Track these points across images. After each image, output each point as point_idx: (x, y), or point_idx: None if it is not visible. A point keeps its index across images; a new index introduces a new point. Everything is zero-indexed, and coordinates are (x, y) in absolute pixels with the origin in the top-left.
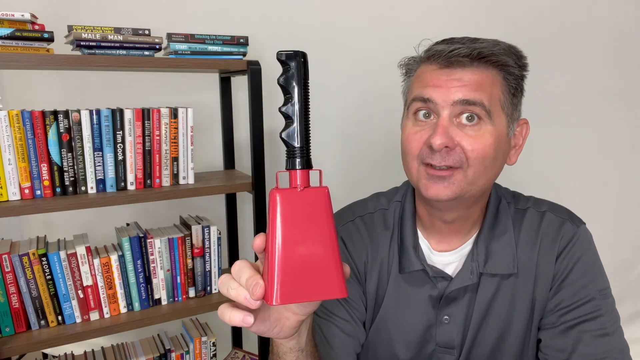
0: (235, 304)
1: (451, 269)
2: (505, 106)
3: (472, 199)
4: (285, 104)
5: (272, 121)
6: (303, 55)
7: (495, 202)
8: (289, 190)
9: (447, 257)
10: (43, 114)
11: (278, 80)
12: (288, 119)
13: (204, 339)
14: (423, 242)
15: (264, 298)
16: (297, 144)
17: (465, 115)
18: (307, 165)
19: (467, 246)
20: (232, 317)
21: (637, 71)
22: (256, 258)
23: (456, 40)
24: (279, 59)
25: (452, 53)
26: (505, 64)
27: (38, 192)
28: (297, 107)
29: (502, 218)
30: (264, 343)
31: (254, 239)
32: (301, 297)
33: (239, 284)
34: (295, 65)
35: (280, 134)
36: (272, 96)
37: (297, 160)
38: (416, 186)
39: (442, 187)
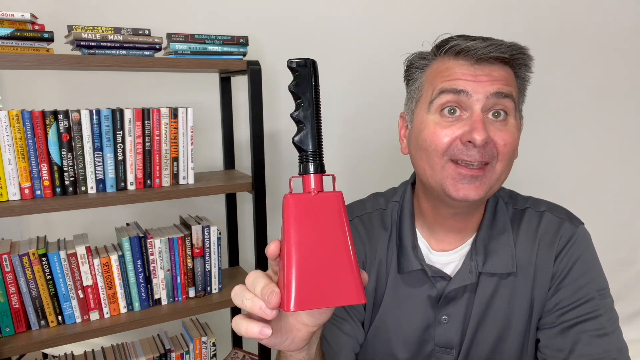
0: (249, 315)
1: (450, 269)
2: (518, 104)
3: (489, 196)
4: (296, 109)
5: (272, 121)
6: (313, 63)
7: (492, 202)
8: (302, 195)
9: (446, 256)
10: (43, 114)
11: (289, 87)
12: (300, 124)
13: (204, 339)
14: (422, 242)
15: (280, 306)
16: (310, 148)
17: (492, 112)
18: (320, 169)
19: (466, 246)
20: (249, 329)
21: (636, 70)
22: (262, 266)
23: (472, 37)
24: (289, 67)
25: (486, 50)
26: (524, 64)
27: (38, 192)
28: (309, 112)
29: (499, 217)
30: None
31: (268, 245)
32: (318, 303)
33: (253, 294)
34: (306, 73)
35: (293, 139)
36: (272, 96)
37: (311, 164)
38: (439, 185)
39: (473, 187)
